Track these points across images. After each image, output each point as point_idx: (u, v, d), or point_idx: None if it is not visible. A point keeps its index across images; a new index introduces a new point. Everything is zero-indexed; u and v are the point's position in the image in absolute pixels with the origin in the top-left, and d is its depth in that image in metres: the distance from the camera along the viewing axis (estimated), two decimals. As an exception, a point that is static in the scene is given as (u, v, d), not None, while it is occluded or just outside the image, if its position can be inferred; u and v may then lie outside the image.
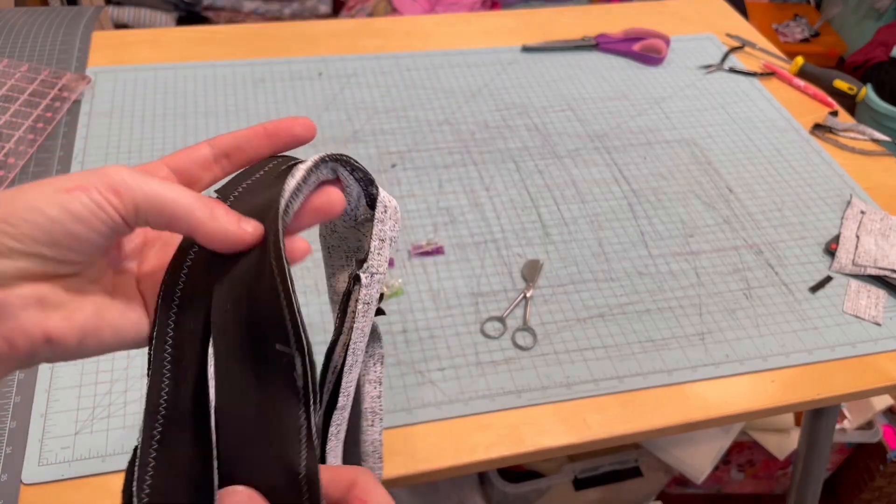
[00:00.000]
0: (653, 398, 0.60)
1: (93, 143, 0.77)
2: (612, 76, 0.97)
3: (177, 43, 0.93)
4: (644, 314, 0.66)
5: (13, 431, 0.52)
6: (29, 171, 0.73)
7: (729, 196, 0.80)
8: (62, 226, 0.26)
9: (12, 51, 0.87)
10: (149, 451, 0.25)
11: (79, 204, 0.26)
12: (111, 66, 0.88)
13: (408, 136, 0.83)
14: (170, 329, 0.28)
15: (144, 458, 0.25)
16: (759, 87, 0.98)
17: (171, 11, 1.93)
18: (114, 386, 0.56)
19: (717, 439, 1.13)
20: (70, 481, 0.50)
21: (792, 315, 0.67)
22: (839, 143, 0.89)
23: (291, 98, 0.86)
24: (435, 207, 0.74)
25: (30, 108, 0.79)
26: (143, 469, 0.25)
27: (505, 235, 0.72)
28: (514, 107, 0.89)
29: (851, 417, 1.22)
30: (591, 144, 0.85)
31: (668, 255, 0.72)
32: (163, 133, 0.79)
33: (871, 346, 0.65)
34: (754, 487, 1.35)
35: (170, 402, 0.26)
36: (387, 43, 0.98)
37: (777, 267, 0.72)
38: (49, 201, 0.26)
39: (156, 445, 0.25)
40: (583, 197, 0.77)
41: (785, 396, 0.61)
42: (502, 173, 0.79)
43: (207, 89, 0.86)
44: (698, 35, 1.07)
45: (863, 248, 0.73)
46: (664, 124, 0.89)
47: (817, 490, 0.90)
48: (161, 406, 0.26)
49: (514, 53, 0.99)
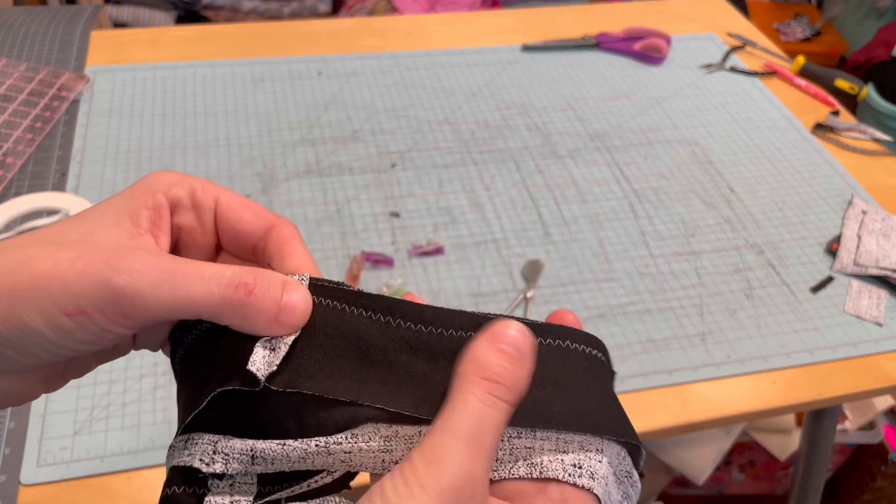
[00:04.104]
0: (653, 398, 0.59)
1: (91, 143, 0.77)
2: (612, 75, 0.96)
3: (176, 42, 0.93)
4: (645, 314, 0.65)
5: (12, 432, 0.52)
6: (27, 170, 0.72)
7: (730, 196, 0.80)
8: (62, 349, 0.23)
9: (11, 50, 0.87)
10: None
11: (83, 332, 0.23)
12: (110, 66, 0.88)
13: (408, 135, 0.83)
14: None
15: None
16: (761, 87, 0.97)
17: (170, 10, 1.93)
18: (112, 387, 0.55)
19: (718, 440, 1.12)
20: (69, 482, 0.50)
21: (793, 315, 0.67)
22: (840, 143, 0.89)
23: (291, 97, 0.86)
24: (435, 207, 0.74)
25: (28, 107, 0.78)
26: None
27: (505, 235, 0.72)
28: (514, 106, 0.89)
29: (853, 418, 1.22)
30: (591, 144, 0.84)
31: (669, 255, 0.71)
32: (161, 132, 0.79)
33: (872, 346, 0.65)
34: (755, 488, 1.35)
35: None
36: (386, 42, 0.98)
37: (778, 267, 0.72)
38: (48, 324, 0.22)
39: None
40: (583, 197, 0.77)
41: (786, 397, 0.61)
42: (502, 173, 0.79)
43: (206, 88, 0.86)
44: (699, 34, 1.07)
45: (864, 248, 0.73)
46: (665, 124, 0.89)
47: (818, 491, 0.90)
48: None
49: (514, 53, 0.98)
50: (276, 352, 0.24)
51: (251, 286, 0.23)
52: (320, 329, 0.24)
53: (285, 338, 0.24)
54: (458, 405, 0.21)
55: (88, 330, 0.23)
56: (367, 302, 0.24)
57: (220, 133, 0.80)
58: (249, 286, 0.23)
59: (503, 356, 0.22)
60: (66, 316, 0.22)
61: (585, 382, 0.25)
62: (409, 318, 0.24)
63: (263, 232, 0.27)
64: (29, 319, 0.22)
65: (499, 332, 0.23)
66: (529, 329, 0.23)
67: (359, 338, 0.24)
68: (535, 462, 0.23)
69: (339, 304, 0.24)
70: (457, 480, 0.20)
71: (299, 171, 0.76)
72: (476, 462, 0.21)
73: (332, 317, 0.24)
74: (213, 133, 0.80)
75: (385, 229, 0.71)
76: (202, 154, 0.77)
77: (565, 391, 0.24)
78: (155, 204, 0.26)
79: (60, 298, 0.22)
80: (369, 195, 0.74)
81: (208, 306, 0.23)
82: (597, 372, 0.26)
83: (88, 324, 0.22)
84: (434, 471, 0.20)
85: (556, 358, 0.24)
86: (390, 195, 0.75)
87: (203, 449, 0.23)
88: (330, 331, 0.24)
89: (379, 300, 0.24)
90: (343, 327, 0.24)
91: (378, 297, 0.24)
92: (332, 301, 0.25)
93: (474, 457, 0.21)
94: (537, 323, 0.25)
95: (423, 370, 0.24)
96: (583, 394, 0.24)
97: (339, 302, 0.24)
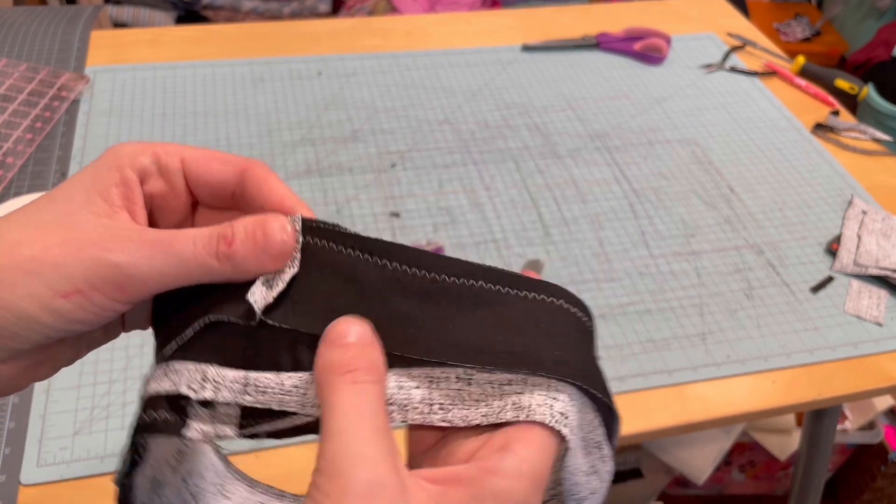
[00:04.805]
0: (654, 399, 0.59)
1: (91, 143, 0.77)
2: (612, 75, 0.96)
3: (176, 42, 0.93)
4: (645, 314, 0.65)
5: (12, 432, 0.52)
6: (27, 170, 0.72)
7: (730, 196, 0.80)
8: (58, 331, 0.23)
9: (10, 50, 0.87)
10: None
11: (80, 311, 0.23)
12: (110, 66, 0.88)
13: (408, 135, 0.83)
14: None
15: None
16: (761, 87, 0.97)
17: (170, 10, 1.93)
18: (112, 387, 0.55)
19: (718, 440, 1.12)
20: (69, 482, 0.50)
21: (793, 315, 0.67)
22: (840, 143, 0.89)
23: (291, 97, 0.86)
24: (435, 207, 0.74)
25: (28, 107, 0.78)
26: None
27: (505, 235, 0.72)
28: (514, 106, 0.89)
29: (853, 418, 1.22)
30: (591, 144, 0.84)
31: (669, 255, 0.71)
32: (161, 132, 0.79)
33: (872, 346, 0.65)
34: (755, 488, 1.35)
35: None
36: (386, 42, 0.98)
37: (778, 267, 0.72)
38: (43, 308, 0.23)
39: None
40: (583, 197, 0.77)
41: (786, 397, 0.61)
42: (502, 173, 0.79)
43: (206, 88, 0.86)
44: (699, 34, 1.07)
45: (864, 248, 0.73)
46: (665, 124, 0.89)
47: (818, 491, 0.90)
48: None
49: (514, 53, 0.98)
50: (273, 289, 0.24)
51: (230, 236, 0.24)
52: (315, 269, 0.25)
53: (283, 275, 0.24)
54: (330, 411, 0.22)
55: (85, 309, 0.23)
56: (364, 244, 0.25)
57: (220, 133, 0.80)
58: (228, 237, 0.24)
59: (346, 348, 0.23)
60: (63, 297, 0.23)
61: (576, 342, 0.25)
62: (406, 262, 0.25)
63: (237, 178, 0.27)
64: (23, 304, 0.22)
65: (332, 333, 0.23)
66: (363, 318, 0.24)
67: (354, 278, 0.25)
68: (522, 406, 0.23)
69: (334, 245, 0.25)
70: (360, 478, 0.20)
71: (299, 171, 0.76)
72: (371, 446, 0.21)
73: (328, 257, 0.25)
74: (213, 133, 0.80)
75: (385, 229, 0.71)
76: (202, 154, 0.77)
77: (557, 343, 0.25)
78: (123, 179, 0.26)
79: (54, 281, 0.22)
80: (369, 195, 0.74)
81: (201, 265, 0.24)
82: (584, 336, 0.26)
83: (85, 303, 0.23)
84: (338, 481, 0.20)
85: (550, 314, 0.25)
86: (390, 195, 0.75)
87: (191, 377, 0.24)
88: (326, 270, 0.25)
89: (375, 243, 0.25)
90: (338, 268, 0.25)
91: (375, 239, 0.25)
92: (328, 242, 0.25)
93: (367, 442, 0.21)
94: (529, 279, 0.25)
95: (414, 312, 0.24)
96: (573, 351, 0.25)
97: (334, 243, 0.25)
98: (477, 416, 0.23)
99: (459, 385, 0.24)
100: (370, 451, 0.21)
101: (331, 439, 0.21)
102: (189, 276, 0.24)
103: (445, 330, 0.24)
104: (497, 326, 0.24)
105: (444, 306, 0.24)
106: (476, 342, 0.24)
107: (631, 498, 1.19)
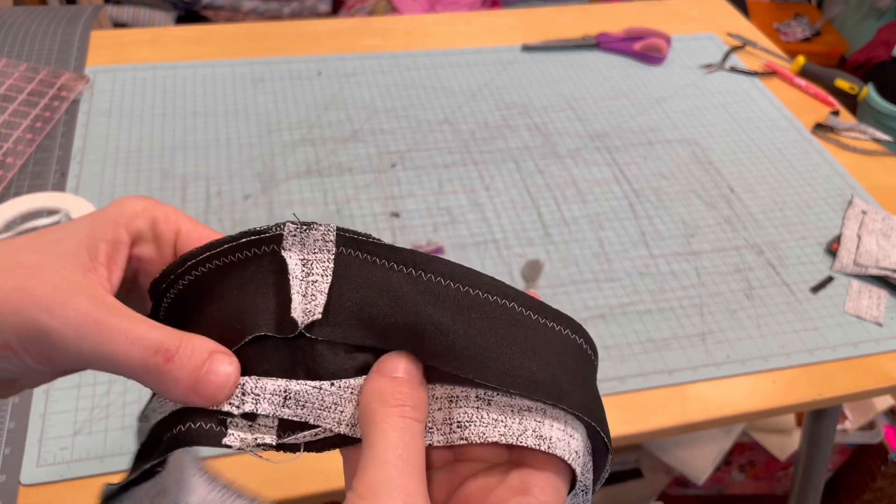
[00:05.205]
0: (653, 399, 0.59)
1: (91, 143, 0.77)
2: (612, 75, 0.96)
3: (176, 42, 0.93)
4: (645, 314, 0.65)
5: (11, 432, 0.52)
6: (27, 170, 0.72)
7: (730, 196, 0.80)
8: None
9: (10, 50, 0.87)
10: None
11: (7, 363, 0.23)
12: (110, 66, 0.88)
13: (408, 135, 0.83)
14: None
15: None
16: (761, 87, 0.97)
17: (170, 10, 1.93)
18: (112, 387, 0.55)
19: (718, 440, 1.12)
20: (69, 482, 0.50)
21: (793, 315, 0.67)
22: (840, 143, 0.89)
23: (291, 97, 0.86)
24: (435, 207, 0.74)
25: (28, 107, 0.78)
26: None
27: (505, 235, 0.71)
28: (514, 106, 0.89)
29: (853, 418, 1.22)
30: (591, 144, 0.84)
31: (669, 255, 0.71)
32: (161, 132, 0.79)
33: (872, 346, 0.65)
34: (755, 488, 1.35)
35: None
36: (386, 42, 0.98)
37: (778, 267, 0.72)
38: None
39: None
40: (583, 197, 0.77)
41: (786, 397, 0.61)
42: (502, 173, 0.79)
43: (206, 89, 0.86)
44: (699, 34, 1.06)
45: (864, 248, 0.73)
46: (665, 124, 0.89)
47: (818, 491, 0.90)
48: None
49: (514, 53, 0.98)
50: (311, 300, 0.25)
51: (172, 353, 0.23)
52: (349, 279, 0.25)
53: (319, 286, 0.25)
54: (376, 438, 0.22)
55: (13, 363, 0.23)
56: (398, 255, 0.25)
57: (220, 133, 0.80)
58: (170, 353, 0.23)
59: (399, 383, 0.24)
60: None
61: (588, 380, 0.26)
62: (440, 274, 0.25)
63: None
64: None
65: (388, 366, 0.24)
66: (416, 358, 0.24)
67: (388, 289, 0.25)
68: (544, 436, 0.23)
69: (368, 255, 0.25)
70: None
71: (299, 171, 0.76)
72: (411, 481, 0.22)
73: (363, 269, 0.25)
74: (213, 133, 0.80)
75: (385, 229, 0.71)
76: (202, 154, 0.77)
77: (576, 379, 0.25)
78: (115, 238, 0.25)
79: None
80: (369, 195, 0.74)
81: (129, 367, 0.23)
82: (591, 373, 0.26)
83: (14, 359, 0.23)
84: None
85: (567, 348, 0.25)
86: (390, 195, 0.75)
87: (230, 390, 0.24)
88: (360, 281, 0.25)
89: (409, 254, 0.25)
90: (372, 279, 0.25)
91: (408, 250, 0.25)
92: (362, 253, 0.25)
93: (409, 477, 0.22)
94: (549, 308, 0.26)
95: (447, 324, 0.24)
96: (586, 390, 0.25)
97: (368, 254, 0.25)
98: (495, 434, 0.24)
99: (479, 404, 0.24)
100: (410, 486, 0.21)
101: (374, 467, 0.22)
102: (116, 369, 0.23)
103: (475, 345, 0.24)
104: (523, 350, 0.24)
105: (477, 321, 0.24)
106: (503, 362, 0.24)
107: (631, 498, 1.19)
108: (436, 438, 0.24)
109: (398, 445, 0.22)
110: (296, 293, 0.25)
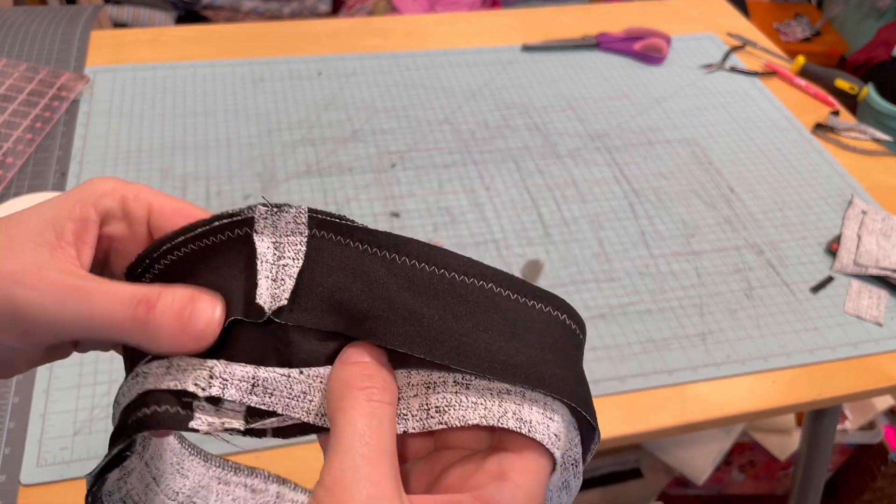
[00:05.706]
0: (653, 399, 0.59)
1: (91, 143, 0.77)
2: (612, 75, 0.96)
3: (176, 42, 0.93)
4: (645, 314, 0.65)
5: (11, 432, 0.52)
6: (27, 170, 0.72)
7: (730, 196, 0.80)
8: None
9: (10, 50, 0.87)
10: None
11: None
12: (110, 66, 0.88)
13: (408, 135, 0.83)
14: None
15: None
16: (761, 87, 0.97)
17: (170, 10, 1.93)
18: (112, 387, 0.55)
19: (718, 440, 1.12)
20: (69, 482, 0.50)
21: (793, 315, 0.67)
22: (840, 143, 0.89)
23: (291, 97, 0.86)
24: (435, 207, 0.74)
25: (28, 107, 0.78)
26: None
27: (505, 235, 0.72)
28: (514, 106, 0.89)
29: (853, 418, 1.22)
30: (591, 144, 0.84)
31: (669, 255, 0.71)
32: (161, 132, 0.79)
33: (872, 346, 0.65)
34: (755, 488, 1.35)
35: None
36: (386, 42, 0.98)
37: (778, 267, 0.72)
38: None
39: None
40: (583, 197, 0.77)
41: (786, 397, 0.61)
42: (502, 173, 0.79)
43: (206, 89, 0.86)
44: (699, 34, 1.07)
45: (864, 248, 0.73)
46: (665, 124, 0.89)
47: (818, 491, 0.90)
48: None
49: (514, 53, 0.98)
50: (280, 284, 0.24)
51: (153, 302, 0.23)
52: (321, 262, 0.24)
53: (289, 269, 0.24)
54: (343, 425, 0.22)
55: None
56: (372, 237, 0.24)
57: (220, 133, 0.80)
58: (151, 302, 0.23)
59: (365, 366, 0.23)
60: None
61: (572, 359, 0.25)
62: (415, 257, 0.24)
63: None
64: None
65: (347, 353, 0.23)
66: (374, 346, 0.24)
67: (361, 272, 0.24)
68: (524, 419, 0.23)
69: (341, 238, 0.24)
70: (362, 498, 0.20)
71: (299, 171, 0.76)
72: (378, 468, 0.21)
73: (336, 252, 0.24)
74: (213, 133, 0.80)
75: (385, 229, 0.71)
76: (202, 154, 0.77)
77: (558, 359, 0.24)
78: (82, 216, 0.25)
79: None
80: (369, 195, 0.74)
81: (112, 323, 0.23)
82: (577, 352, 0.26)
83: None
84: (339, 498, 0.20)
85: (549, 326, 0.25)
86: (390, 195, 0.75)
87: (197, 374, 0.23)
88: (333, 265, 0.24)
89: (384, 236, 0.24)
90: (345, 262, 0.24)
91: (383, 233, 0.24)
92: (335, 235, 0.24)
93: (375, 464, 0.21)
94: (531, 286, 0.25)
95: (421, 309, 0.24)
96: (569, 369, 0.25)
97: (341, 236, 0.24)
98: (475, 416, 0.23)
99: (457, 389, 0.24)
100: (377, 474, 0.21)
101: (339, 455, 0.21)
102: (100, 330, 0.23)
103: (451, 330, 0.23)
104: (502, 332, 0.24)
105: (452, 305, 0.24)
106: (480, 347, 0.23)
107: (631, 498, 1.19)
108: (411, 425, 0.23)
109: (365, 432, 0.21)
110: (265, 277, 0.24)
